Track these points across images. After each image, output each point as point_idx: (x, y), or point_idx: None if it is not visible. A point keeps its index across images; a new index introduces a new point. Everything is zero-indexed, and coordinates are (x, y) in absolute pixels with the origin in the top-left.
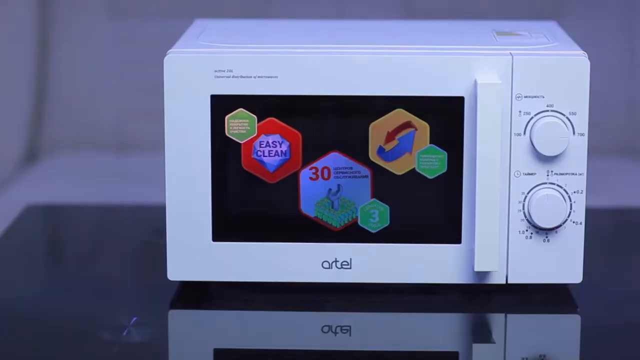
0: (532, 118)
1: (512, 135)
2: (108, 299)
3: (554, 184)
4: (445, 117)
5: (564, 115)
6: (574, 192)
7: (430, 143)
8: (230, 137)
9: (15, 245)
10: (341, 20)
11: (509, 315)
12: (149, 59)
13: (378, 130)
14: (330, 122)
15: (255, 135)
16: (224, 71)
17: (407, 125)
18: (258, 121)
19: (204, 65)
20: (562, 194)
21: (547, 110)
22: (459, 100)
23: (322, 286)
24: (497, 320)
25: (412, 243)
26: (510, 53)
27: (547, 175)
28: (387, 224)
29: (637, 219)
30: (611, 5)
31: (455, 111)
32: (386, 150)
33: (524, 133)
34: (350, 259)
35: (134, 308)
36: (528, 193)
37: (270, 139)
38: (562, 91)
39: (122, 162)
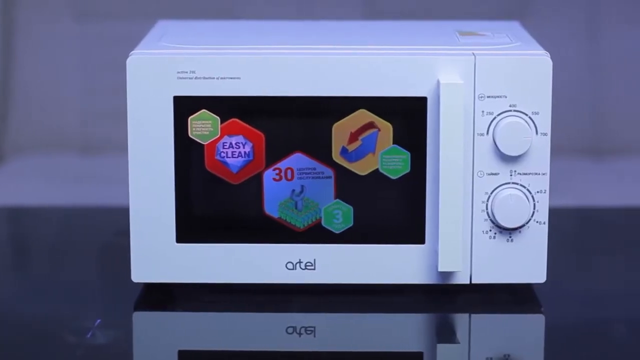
0: (494, 118)
1: (475, 135)
2: (72, 301)
3: (517, 183)
4: (408, 117)
5: (526, 115)
6: (537, 191)
7: (393, 143)
8: (193, 138)
9: None
10: (304, 21)
11: (473, 315)
12: (113, 60)
13: (341, 130)
14: (294, 123)
15: (218, 136)
16: (186, 72)
17: (370, 125)
18: (221, 122)
19: (167, 66)
20: (525, 194)
21: (510, 110)
22: (422, 101)
23: (286, 287)
24: (461, 320)
25: (375, 243)
26: (473, 53)
27: (511, 175)
28: (350, 224)
29: (600, 218)
30: (573, 6)
31: (418, 111)
32: (349, 150)
33: (487, 133)
34: (314, 259)
35: (98, 310)
36: (491, 193)
37: (234, 140)
38: (524, 91)
39: (87, 163)
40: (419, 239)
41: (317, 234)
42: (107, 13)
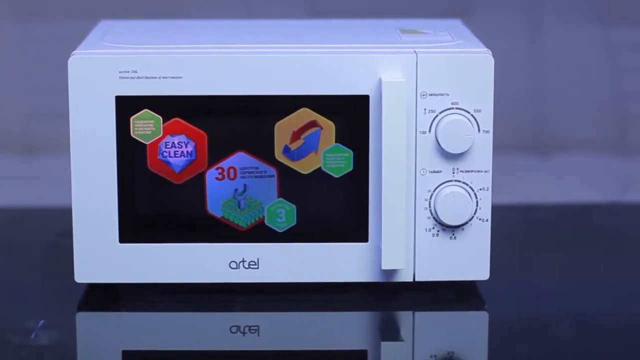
0: (437, 116)
1: (418, 133)
2: (15, 302)
3: (459, 181)
4: (350, 115)
5: (468, 112)
6: (480, 189)
7: (335, 142)
8: (136, 138)
9: None
10: (246, 20)
11: (416, 313)
12: (55, 60)
13: (283, 129)
14: (236, 122)
15: (160, 136)
16: (128, 72)
17: (313, 124)
18: (163, 122)
19: (108, 66)
20: (468, 191)
21: (452, 108)
22: (364, 99)
23: (229, 286)
24: (405, 318)
25: (319, 242)
26: (415, 51)
27: (453, 173)
28: (293, 223)
29: (542, 215)
30: (515, 4)
31: (360, 110)
32: (292, 149)
33: (429, 131)
34: (258, 258)
35: (42, 311)
36: (434, 191)
37: (176, 139)
38: (466, 89)
39: (29, 164)
40: (362, 237)
41: (260, 233)
42: (49, 12)
